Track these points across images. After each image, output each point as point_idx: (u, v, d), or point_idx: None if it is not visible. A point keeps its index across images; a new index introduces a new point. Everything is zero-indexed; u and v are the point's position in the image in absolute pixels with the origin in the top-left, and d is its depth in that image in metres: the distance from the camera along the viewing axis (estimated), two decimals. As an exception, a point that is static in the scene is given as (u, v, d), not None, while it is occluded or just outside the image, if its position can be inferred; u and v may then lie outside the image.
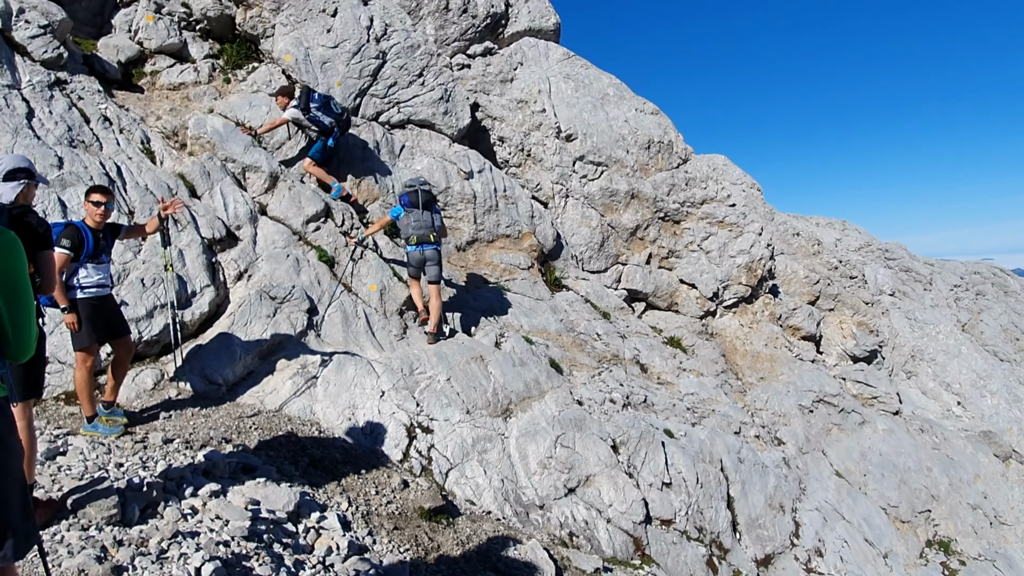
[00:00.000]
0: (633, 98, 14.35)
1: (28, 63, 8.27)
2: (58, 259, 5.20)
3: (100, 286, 5.64)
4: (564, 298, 11.60)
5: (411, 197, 8.68)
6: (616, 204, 13.04)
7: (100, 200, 5.58)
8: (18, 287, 2.57)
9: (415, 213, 8.66)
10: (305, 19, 10.85)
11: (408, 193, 8.71)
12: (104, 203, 5.59)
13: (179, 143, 9.13)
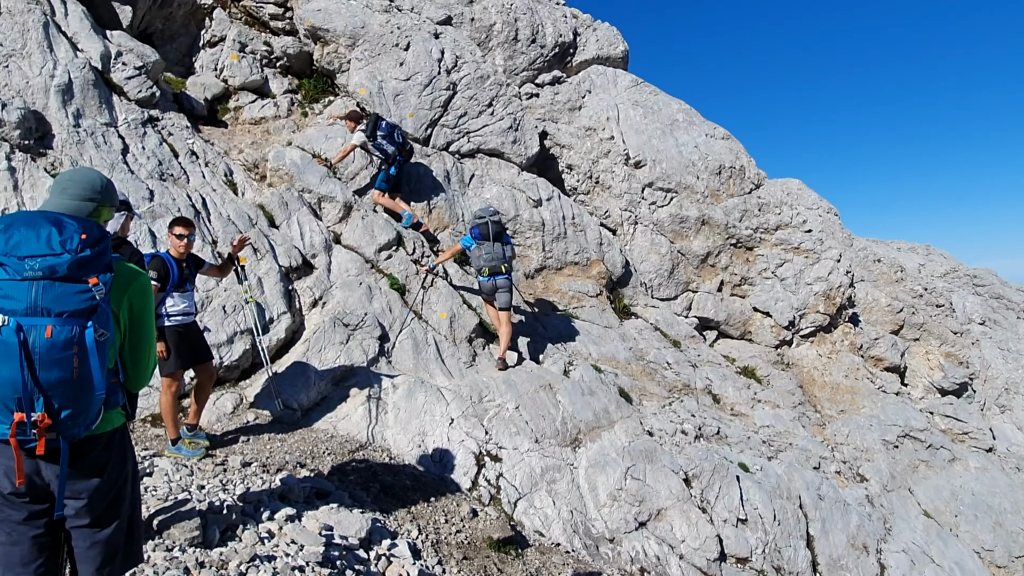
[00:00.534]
0: (703, 123, 14.19)
1: (124, 102, 8.80)
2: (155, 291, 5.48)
3: (185, 314, 5.89)
4: (633, 326, 11.45)
5: (482, 229, 8.76)
6: (686, 231, 12.85)
7: (183, 233, 5.84)
8: (146, 324, 2.72)
9: (486, 245, 8.74)
10: (379, 54, 11.20)
11: (479, 225, 8.79)
12: (187, 235, 5.86)
13: (259, 175, 9.51)
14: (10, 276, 2.28)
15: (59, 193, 2.69)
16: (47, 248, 2.31)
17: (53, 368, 2.31)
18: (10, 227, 2.34)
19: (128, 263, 2.73)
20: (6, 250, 2.29)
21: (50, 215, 2.43)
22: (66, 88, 8.13)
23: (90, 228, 2.44)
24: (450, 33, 12.14)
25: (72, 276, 2.33)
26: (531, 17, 13.82)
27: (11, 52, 8.04)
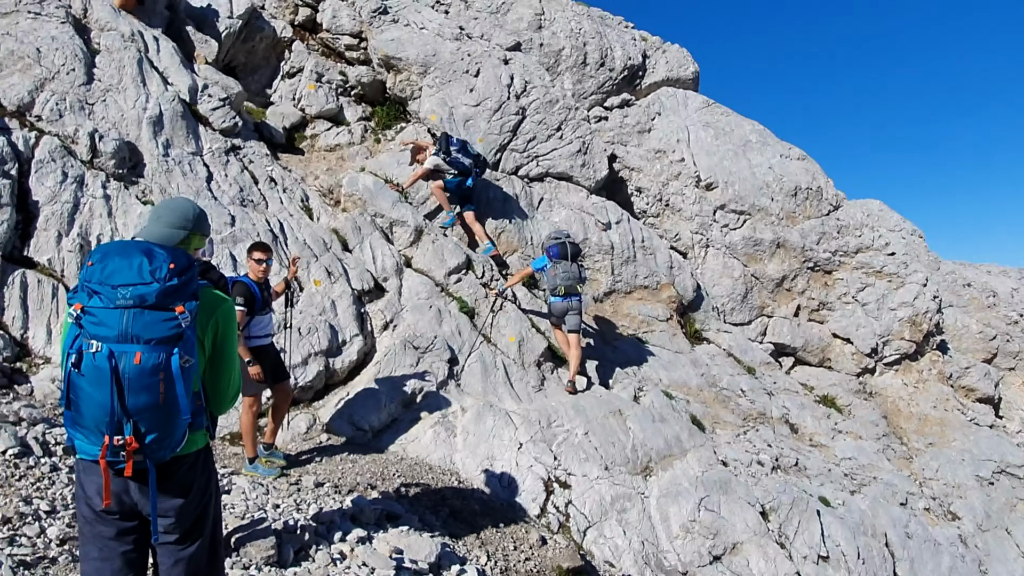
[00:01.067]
0: (777, 143, 13.84)
1: (209, 132, 9.21)
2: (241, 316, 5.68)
3: (266, 335, 6.06)
4: (705, 351, 11.16)
5: (560, 249, 8.78)
6: (760, 254, 12.49)
7: (261, 257, 6.03)
8: (228, 349, 2.81)
9: (563, 264, 8.74)
10: (450, 80, 11.40)
11: (557, 244, 8.82)
12: (265, 260, 6.04)
13: (334, 200, 9.77)
14: (104, 304, 2.38)
15: (155, 221, 2.81)
16: (138, 277, 2.41)
17: (141, 393, 2.40)
18: (105, 257, 2.45)
19: (214, 290, 2.82)
20: (101, 279, 2.40)
21: (143, 245, 2.53)
22: (157, 119, 8.57)
23: (178, 257, 2.53)
24: (519, 59, 12.26)
25: (160, 304, 2.42)
26: (600, 41, 13.83)
27: (108, 87, 8.54)
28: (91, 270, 2.43)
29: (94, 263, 2.44)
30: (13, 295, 6.64)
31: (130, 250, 2.48)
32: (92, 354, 2.34)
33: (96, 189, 7.62)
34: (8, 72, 8.01)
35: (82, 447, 2.49)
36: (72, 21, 8.83)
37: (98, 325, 2.36)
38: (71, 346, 2.38)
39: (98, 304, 2.38)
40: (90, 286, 2.40)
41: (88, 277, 2.42)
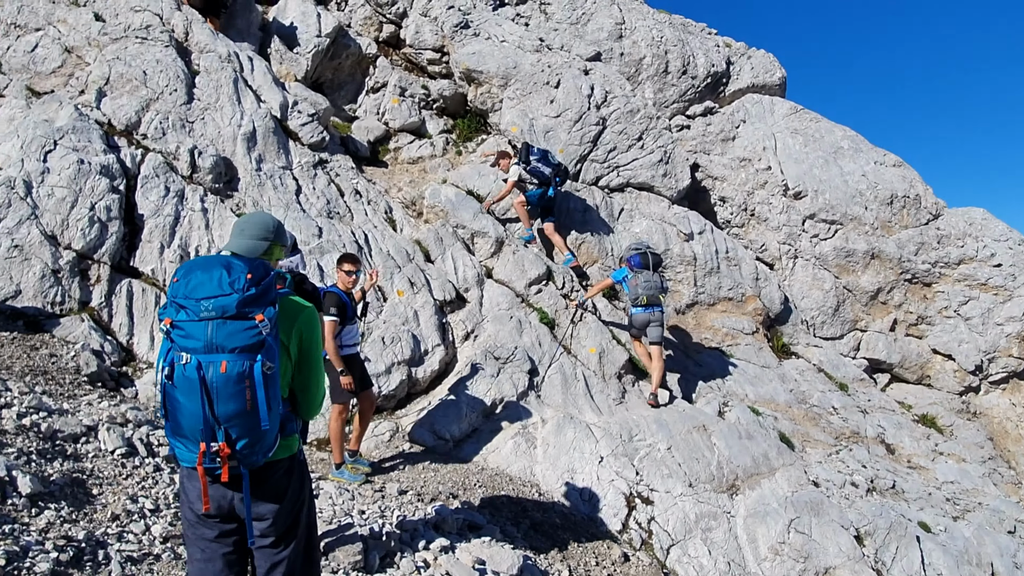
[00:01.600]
0: (871, 150, 13.23)
1: (298, 147, 9.54)
2: (329, 326, 5.82)
3: (354, 344, 6.19)
4: (794, 366, 10.73)
5: (641, 259, 8.71)
6: (853, 265, 11.93)
7: (351, 269, 6.16)
8: (315, 354, 2.90)
9: (645, 274, 8.64)
10: (530, 92, 11.44)
11: (638, 254, 8.75)
12: (354, 271, 6.18)
13: (416, 212, 9.93)
14: (190, 317, 2.48)
15: (238, 234, 2.95)
16: (218, 289, 2.50)
17: (230, 401, 2.48)
18: (189, 272, 2.57)
19: (293, 297, 2.90)
20: (186, 293, 2.51)
21: (222, 258, 2.63)
22: (250, 136, 8.94)
23: (255, 268, 2.62)
24: (599, 69, 12.19)
25: (241, 314, 2.50)
26: (682, 49, 13.60)
27: (207, 106, 8.97)
28: (176, 286, 2.54)
29: (179, 279, 2.55)
30: (120, 303, 7.03)
31: (211, 264, 2.58)
32: (183, 366, 2.45)
33: (195, 202, 8.00)
34: (118, 94, 8.53)
35: (182, 455, 2.59)
36: (175, 44, 9.34)
37: (186, 338, 2.47)
38: (164, 359, 2.50)
39: (184, 318, 2.48)
40: (177, 301, 2.51)
41: (175, 292, 2.54)
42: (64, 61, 8.83)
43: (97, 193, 7.33)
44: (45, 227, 6.95)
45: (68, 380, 5.91)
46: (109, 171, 7.55)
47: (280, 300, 2.74)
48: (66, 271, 6.85)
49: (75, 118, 7.83)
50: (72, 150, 7.49)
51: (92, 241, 7.09)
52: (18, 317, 6.58)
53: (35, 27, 9.06)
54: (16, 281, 6.66)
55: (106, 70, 8.66)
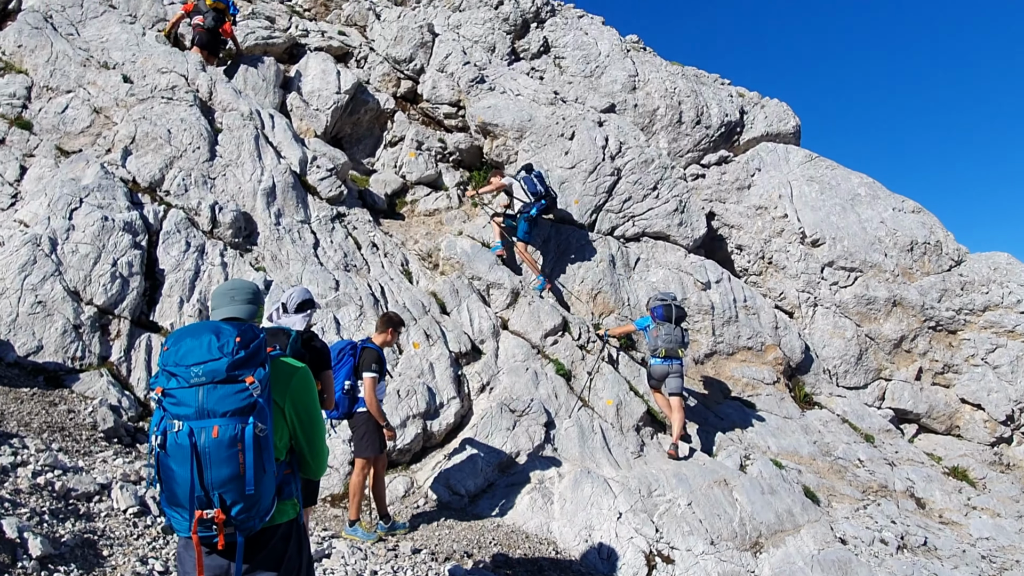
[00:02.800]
0: (889, 196, 13.18)
1: (317, 201, 9.69)
2: (370, 383, 5.92)
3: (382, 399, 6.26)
4: (816, 417, 10.51)
5: (666, 311, 8.69)
6: (875, 313, 11.77)
7: (401, 330, 6.54)
8: (315, 413, 2.90)
9: (667, 327, 8.62)
10: (545, 144, 11.59)
11: (663, 306, 8.73)
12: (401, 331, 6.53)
13: (432, 263, 10.00)
14: (180, 384, 2.49)
15: (228, 301, 2.96)
16: (208, 354, 2.52)
17: (223, 466, 2.47)
18: (179, 340, 2.59)
19: (286, 358, 2.92)
20: (176, 360, 2.52)
21: (212, 324, 2.65)
22: (270, 191, 9.11)
23: (244, 331, 2.63)
24: (614, 120, 12.35)
25: (231, 377, 2.51)
26: (695, 99, 13.76)
27: (228, 162, 9.18)
28: (167, 354, 2.56)
29: (169, 347, 2.57)
30: (139, 357, 7.10)
31: (201, 331, 2.60)
32: (175, 433, 2.45)
33: (215, 257, 8.12)
34: (143, 152, 8.77)
35: (178, 525, 2.56)
36: (199, 104, 9.61)
37: (177, 405, 2.48)
38: (157, 428, 2.50)
39: (175, 385, 2.49)
40: (167, 368, 2.53)
41: (165, 360, 2.55)
42: (92, 121, 9.11)
43: (120, 249, 7.47)
44: (68, 283, 7.07)
45: (85, 436, 5.94)
46: (132, 227, 7.70)
47: (272, 362, 2.76)
48: (87, 326, 6.94)
49: (101, 176, 8.03)
50: (97, 207, 7.66)
51: (113, 296, 7.20)
52: (39, 372, 6.65)
53: (66, 89, 9.38)
54: (39, 337, 6.75)
55: (132, 129, 8.92)
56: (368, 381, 5.90)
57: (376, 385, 5.96)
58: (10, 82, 9.13)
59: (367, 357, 5.97)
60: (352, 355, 5.98)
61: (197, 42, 10.75)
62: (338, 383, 5.80)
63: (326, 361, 4.64)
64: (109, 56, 10.02)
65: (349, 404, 5.95)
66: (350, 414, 6.05)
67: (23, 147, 8.57)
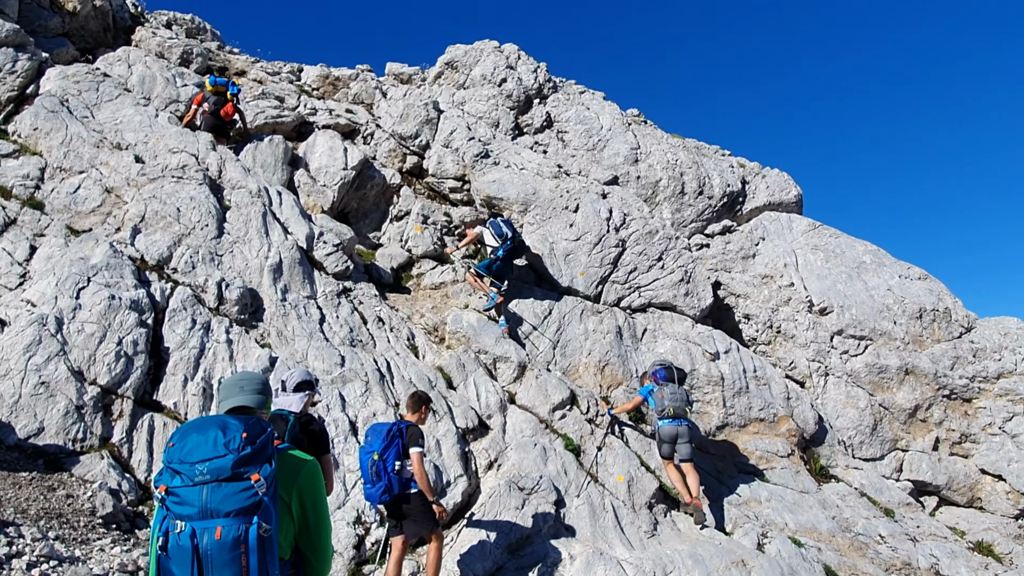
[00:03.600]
0: (894, 264, 13.18)
1: (323, 276, 9.72)
2: (420, 458, 6.05)
3: None
4: (834, 491, 10.21)
5: (667, 372, 8.79)
6: (887, 381, 11.60)
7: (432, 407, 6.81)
8: (322, 508, 2.81)
9: (671, 387, 8.66)
10: (550, 217, 11.70)
11: (664, 368, 8.83)
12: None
13: (439, 337, 9.94)
14: (184, 483, 2.42)
15: (237, 392, 2.91)
16: (213, 451, 2.46)
17: (224, 569, 2.37)
18: (185, 436, 2.53)
19: (293, 451, 2.83)
20: (181, 457, 2.47)
21: (218, 419, 2.59)
22: (277, 267, 9.15)
23: (251, 426, 2.58)
24: (617, 192, 12.49)
25: (236, 475, 2.44)
26: (697, 170, 13.96)
27: (236, 239, 9.26)
28: (172, 450, 2.50)
29: (175, 443, 2.52)
30: (141, 438, 6.97)
31: (207, 426, 2.55)
32: (177, 535, 2.36)
33: (220, 334, 8.08)
34: (152, 230, 8.85)
35: None
36: (208, 182, 9.77)
37: (180, 504, 2.40)
38: (159, 528, 2.40)
39: (179, 483, 2.43)
40: (172, 466, 2.47)
41: (170, 457, 2.49)
42: (103, 200, 9.24)
43: (126, 328, 7.45)
44: (72, 363, 7.02)
45: (83, 523, 5.77)
46: (139, 306, 7.70)
47: (280, 455, 2.68)
48: (89, 407, 6.85)
49: (109, 255, 8.09)
50: (104, 286, 7.69)
51: (117, 376, 7.13)
52: (39, 455, 6.53)
53: (79, 170, 9.56)
54: (40, 418, 6.65)
55: (142, 208, 9.04)
56: (417, 456, 5.98)
57: (423, 462, 6.07)
58: (24, 164, 9.31)
59: (413, 434, 6.08)
60: (400, 436, 6.08)
61: (204, 128, 11.05)
62: (389, 464, 5.92)
63: (325, 445, 4.58)
64: (122, 137, 10.25)
65: (400, 485, 5.98)
66: (404, 496, 6.05)
67: (34, 227, 8.67)
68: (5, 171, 9.10)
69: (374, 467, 5.94)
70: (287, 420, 4.43)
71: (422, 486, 5.99)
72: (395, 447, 5.99)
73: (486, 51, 15.55)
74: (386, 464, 5.91)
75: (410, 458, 5.99)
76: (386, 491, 5.85)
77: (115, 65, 12.18)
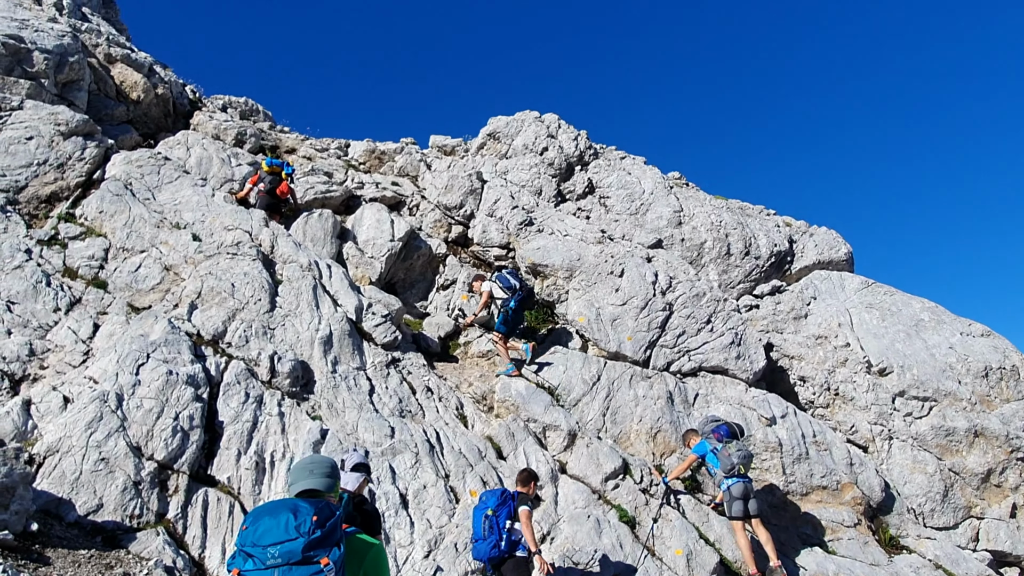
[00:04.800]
0: (954, 320, 12.73)
1: (372, 347, 9.81)
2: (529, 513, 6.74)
3: None
4: (907, 563, 9.63)
5: (730, 428, 8.68)
6: (955, 445, 11.05)
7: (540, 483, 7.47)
8: None
9: (736, 443, 8.54)
10: (595, 282, 11.69)
11: (725, 425, 8.71)
12: None
13: (487, 406, 9.87)
14: (256, 566, 2.48)
15: (308, 475, 2.98)
16: (284, 534, 2.52)
17: None
18: (257, 519, 2.60)
19: (361, 535, 2.89)
20: (254, 540, 2.53)
21: (290, 502, 2.67)
22: (327, 339, 9.28)
23: (321, 510, 2.64)
24: (662, 255, 12.46)
25: (306, 558, 2.49)
26: (742, 231, 13.87)
27: (288, 312, 9.45)
28: (245, 533, 2.56)
29: (248, 526, 2.58)
30: (195, 514, 7.00)
31: (279, 509, 2.62)
32: None
33: (272, 407, 8.17)
34: (208, 305, 9.11)
35: None
36: (261, 257, 10.06)
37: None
38: None
39: (252, 567, 2.48)
40: (245, 549, 2.53)
41: (243, 540, 2.55)
42: (163, 278, 9.57)
43: (182, 403, 7.58)
44: (131, 439, 7.15)
45: (138, 602, 5.76)
46: (195, 380, 7.86)
47: (347, 539, 2.73)
48: (146, 483, 6.93)
49: (168, 331, 8.32)
50: (163, 362, 7.88)
51: (174, 451, 7.22)
52: (98, 532, 6.59)
53: (140, 249, 9.95)
54: (99, 494, 6.74)
55: (199, 284, 9.33)
56: (526, 512, 6.66)
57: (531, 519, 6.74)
58: (90, 245, 9.74)
59: (524, 499, 6.80)
60: (512, 499, 6.76)
61: (259, 205, 11.49)
62: (500, 521, 6.55)
63: (377, 527, 4.98)
64: (181, 216, 10.68)
65: (508, 543, 6.55)
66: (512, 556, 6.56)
67: (98, 305, 8.99)
68: (72, 252, 9.53)
69: (487, 522, 6.55)
70: (341, 498, 4.54)
71: (528, 537, 6.55)
72: (507, 507, 6.63)
73: (527, 121, 15.93)
74: (498, 520, 6.52)
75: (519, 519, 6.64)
76: (495, 546, 6.43)
77: (175, 148, 12.81)
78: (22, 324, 8.32)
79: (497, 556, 6.48)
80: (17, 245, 9.16)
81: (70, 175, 10.62)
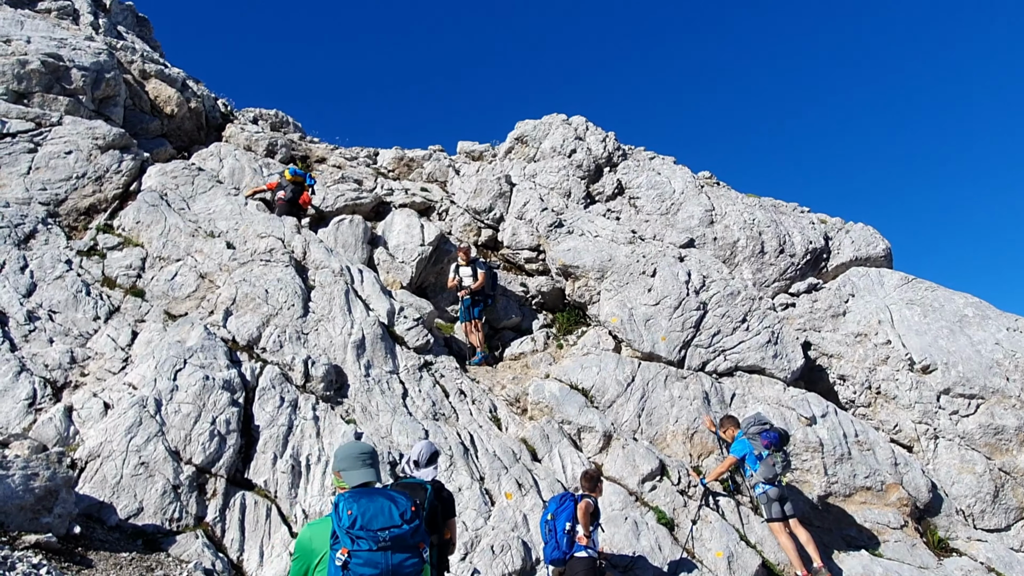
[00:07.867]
0: (1000, 316, 12.34)
1: (404, 350, 9.82)
2: (585, 504, 6.77)
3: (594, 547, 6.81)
4: (957, 565, 9.31)
5: (780, 438, 8.43)
6: (1005, 443, 10.69)
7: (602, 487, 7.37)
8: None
9: (781, 454, 8.39)
10: (627, 283, 11.57)
11: (777, 434, 8.41)
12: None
13: (521, 408, 9.80)
14: (369, 547, 2.87)
15: (361, 465, 3.34)
16: (390, 520, 2.94)
17: None
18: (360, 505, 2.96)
19: None
20: (363, 524, 2.90)
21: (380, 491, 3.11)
22: (360, 343, 9.31)
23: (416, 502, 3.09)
24: (694, 255, 12.29)
25: (411, 544, 2.95)
26: (776, 229, 13.64)
27: (321, 317, 9.50)
28: (350, 518, 2.90)
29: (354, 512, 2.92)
30: (233, 517, 7.03)
31: (376, 497, 3.03)
32: None
33: (307, 411, 8.20)
34: (243, 311, 9.20)
35: None
36: (294, 264, 10.15)
37: (364, 565, 2.83)
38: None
39: (364, 547, 2.85)
40: (352, 532, 2.87)
41: (348, 523, 2.89)
42: (198, 286, 9.69)
43: (219, 407, 7.65)
44: (170, 443, 7.22)
45: (178, 604, 5.79)
46: (231, 385, 7.92)
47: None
48: (185, 486, 6.99)
49: (204, 337, 8.41)
50: (199, 367, 7.96)
51: (211, 455, 7.28)
52: (138, 535, 6.65)
53: (176, 258, 10.10)
54: (140, 498, 6.81)
55: (234, 291, 9.43)
56: (584, 503, 6.72)
57: (591, 510, 6.75)
58: (128, 255, 9.91)
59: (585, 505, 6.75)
60: (573, 501, 6.79)
61: (278, 213, 11.64)
62: (559, 524, 6.63)
63: (452, 509, 5.31)
64: (215, 226, 10.82)
65: (569, 544, 6.61)
66: (572, 556, 6.59)
67: (136, 313, 9.13)
68: (111, 263, 9.70)
69: (547, 527, 6.72)
70: (426, 489, 5.00)
71: (581, 521, 6.60)
72: (567, 510, 6.68)
73: (554, 124, 15.88)
74: (556, 524, 6.63)
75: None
76: (556, 548, 6.54)
77: (208, 160, 13.02)
78: (63, 332, 8.47)
79: (559, 557, 6.59)
80: (58, 256, 9.35)
81: (108, 187, 10.83)
